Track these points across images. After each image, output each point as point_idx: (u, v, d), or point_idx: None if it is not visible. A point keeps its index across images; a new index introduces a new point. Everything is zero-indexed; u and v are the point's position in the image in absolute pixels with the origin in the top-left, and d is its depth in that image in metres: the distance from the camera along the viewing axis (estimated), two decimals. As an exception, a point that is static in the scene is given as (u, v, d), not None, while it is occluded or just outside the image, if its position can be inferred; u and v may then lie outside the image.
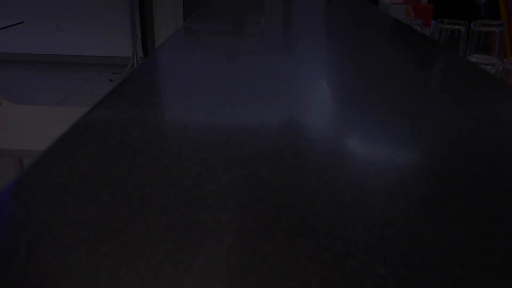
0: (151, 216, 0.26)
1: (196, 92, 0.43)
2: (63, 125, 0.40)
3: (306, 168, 0.31)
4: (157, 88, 0.43)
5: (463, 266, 0.21)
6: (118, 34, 4.39)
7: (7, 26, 2.47)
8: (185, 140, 0.33)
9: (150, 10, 4.24)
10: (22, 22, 2.64)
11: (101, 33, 4.43)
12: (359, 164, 0.31)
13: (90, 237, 0.24)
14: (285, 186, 0.28)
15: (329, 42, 0.70)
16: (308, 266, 0.22)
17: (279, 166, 0.31)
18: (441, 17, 0.93)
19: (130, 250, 0.23)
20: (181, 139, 0.34)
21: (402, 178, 0.30)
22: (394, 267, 0.22)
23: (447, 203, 0.27)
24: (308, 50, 0.65)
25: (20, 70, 4.36)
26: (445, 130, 0.37)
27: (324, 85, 0.44)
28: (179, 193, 0.28)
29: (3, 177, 2.25)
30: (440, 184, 0.29)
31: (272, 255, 0.22)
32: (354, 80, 0.48)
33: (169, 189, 0.29)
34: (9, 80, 4.09)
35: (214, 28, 0.82)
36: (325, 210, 0.27)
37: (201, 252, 0.23)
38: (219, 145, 0.33)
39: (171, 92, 0.43)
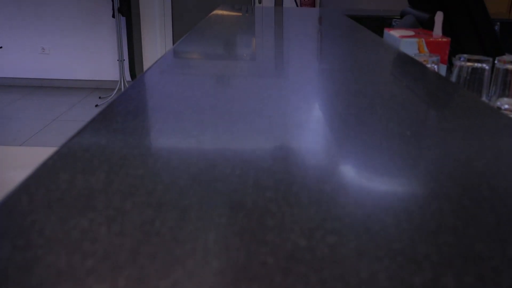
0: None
1: (182, 118, 0.41)
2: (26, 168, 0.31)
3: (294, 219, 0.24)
4: (141, 115, 0.41)
5: None
6: (105, 57, 4.26)
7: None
8: (166, 170, 0.31)
9: (138, 33, 4.13)
10: (1, 47, 2.50)
11: (88, 57, 4.30)
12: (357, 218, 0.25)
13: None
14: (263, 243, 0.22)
15: (327, 80, 0.58)
16: None
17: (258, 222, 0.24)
18: (460, 52, 0.81)
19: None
20: (162, 169, 0.31)
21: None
22: None
23: None
24: (305, 84, 0.53)
25: (3, 95, 4.20)
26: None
27: (324, 129, 0.39)
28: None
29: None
30: None
31: None
32: (357, 129, 0.38)
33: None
34: (-10, 106, 3.93)
35: (203, 51, 0.81)
36: None
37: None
38: (201, 176, 0.30)
39: (155, 118, 0.41)
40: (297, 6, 3.96)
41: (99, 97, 4.17)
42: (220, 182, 0.29)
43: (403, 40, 0.80)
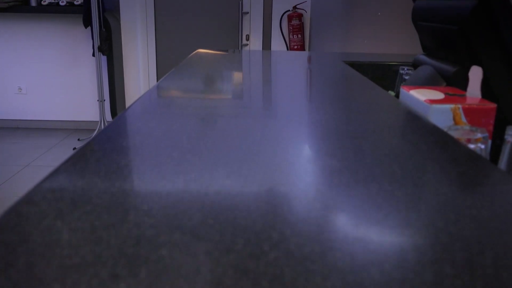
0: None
1: (161, 162, 0.39)
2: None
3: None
4: (115, 157, 0.39)
5: None
6: (85, 97, 4.05)
7: None
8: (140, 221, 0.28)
9: (120, 72, 3.93)
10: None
11: (67, 96, 4.08)
12: None
13: None
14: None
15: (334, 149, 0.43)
16: None
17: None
18: (503, 120, 0.59)
19: None
20: (136, 219, 0.28)
21: None
22: None
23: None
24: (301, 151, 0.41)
25: (-25, 138, 3.95)
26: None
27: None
28: None
29: None
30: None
31: None
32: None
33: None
34: (-41, 150, 3.67)
35: (187, 88, 0.78)
36: None
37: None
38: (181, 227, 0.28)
39: (132, 162, 0.39)
40: (287, 48, 3.81)
41: (78, 139, 3.93)
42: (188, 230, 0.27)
43: (433, 106, 0.58)
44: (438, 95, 0.62)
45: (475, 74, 0.62)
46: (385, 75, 1.14)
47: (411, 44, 2.46)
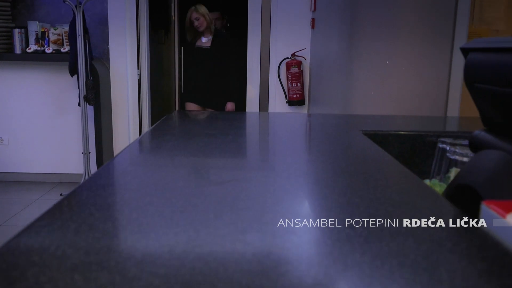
0: None
1: (144, 219, 0.36)
2: None
3: None
4: (93, 214, 0.36)
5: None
6: (70, 149, 3.79)
7: None
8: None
9: (108, 123, 3.69)
10: None
11: (51, 148, 3.83)
12: None
13: None
14: None
15: None
16: None
17: None
18: None
19: None
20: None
21: None
22: None
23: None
24: None
25: (-52, 193, 3.66)
26: None
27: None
28: None
29: None
30: None
31: None
32: None
33: None
34: None
35: (174, 139, 0.73)
36: None
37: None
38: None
39: (111, 218, 0.36)
40: (286, 97, 3.59)
41: (61, 194, 3.63)
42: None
43: None
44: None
45: None
46: (416, 149, 0.88)
47: (423, 95, 2.24)
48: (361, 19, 2.53)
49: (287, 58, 3.55)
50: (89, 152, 3.52)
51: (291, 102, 3.60)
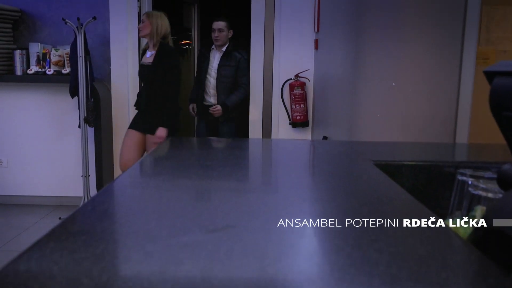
0: None
1: (143, 246, 0.35)
2: None
3: None
4: (90, 239, 0.36)
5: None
6: (70, 171, 3.72)
7: None
8: None
9: (109, 145, 3.63)
10: None
11: (51, 170, 3.76)
12: None
13: None
14: None
15: None
16: None
17: None
18: None
19: None
20: None
21: None
22: None
23: None
24: None
25: None
26: None
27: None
28: None
29: None
30: None
31: None
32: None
33: None
34: None
35: (164, 173, 0.69)
36: None
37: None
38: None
39: (109, 242, 0.35)
40: (289, 119, 3.52)
41: (59, 218, 3.55)
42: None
43: None
44: None
45: None
46: (432, 181, 0.81)
47: (431, 119, 2.16)
48: (365, 40, 2.48)
49: (291, 79, 3.50)
50: (89, 175, 3.45)
51: (294, 124, 3.54)
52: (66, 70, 3.49)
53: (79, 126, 3.38)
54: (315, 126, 3.48)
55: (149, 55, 2.97)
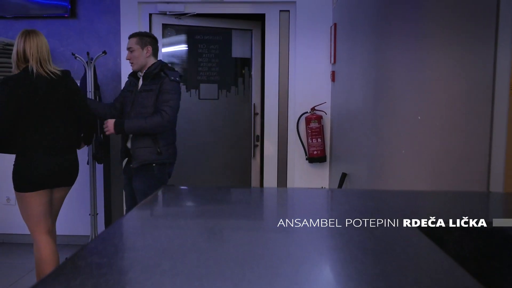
0: None
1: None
2: None
3: None
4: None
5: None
6: (79, 209, 3.58)
7: None
8: None
9: (119, 182, 3.49)
10: None
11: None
12: None
13: None
14: None
15: None
16: None
17: None
18: None
19: None
20: None
21: None
22: None
23: None
24: None
25: (-51, 257, 3.48)
26: None
27: None
28: None
29: None
30: None
31: None
32: None
33: None
34: None
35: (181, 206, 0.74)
36: None
37: None
38: None
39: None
40: (306, 153, 3.36)
41: (66, 258, 3.40)
42: None
43: None
44: None
45: None
46: (492, 247, 0.63)
47: (461, 156, 1.97)
48: (386, 70, 2.33)
49: (307, 112, 3.36)
50: (97, 214, 3.31)
51: (311, 159, 3.37)
52: (76, 105, 3.41)
53: (88, 163, 3.27)
54: (333, 162, 3.31)
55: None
